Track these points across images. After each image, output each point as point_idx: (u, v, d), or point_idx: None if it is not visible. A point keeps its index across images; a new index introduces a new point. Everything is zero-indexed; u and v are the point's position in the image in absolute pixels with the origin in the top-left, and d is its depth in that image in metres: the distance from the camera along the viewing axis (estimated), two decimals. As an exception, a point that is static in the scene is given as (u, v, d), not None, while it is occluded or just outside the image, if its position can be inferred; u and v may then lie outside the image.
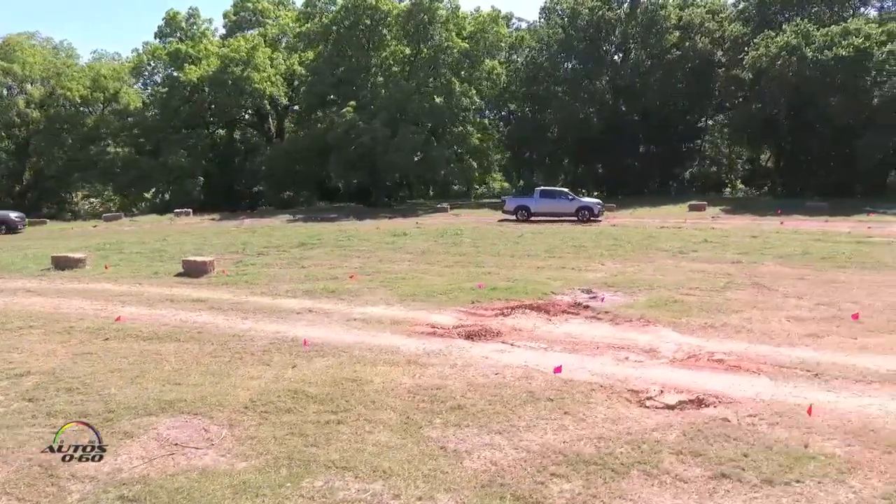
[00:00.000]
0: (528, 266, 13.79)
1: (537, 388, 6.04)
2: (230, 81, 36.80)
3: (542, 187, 28.12)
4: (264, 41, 43.19)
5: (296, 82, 41.34)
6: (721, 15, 38.11)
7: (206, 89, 37.69)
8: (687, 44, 36.55)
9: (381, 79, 36.16)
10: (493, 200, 39.98)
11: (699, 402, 5.61)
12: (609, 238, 18.55)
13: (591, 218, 24.81)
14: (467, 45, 34.89)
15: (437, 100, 34.60)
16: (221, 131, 42.87)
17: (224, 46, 38.89)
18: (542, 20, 42.66)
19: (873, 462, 4.45)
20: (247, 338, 8.20)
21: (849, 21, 29.10)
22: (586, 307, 9.57)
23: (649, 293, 10.47)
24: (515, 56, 42.40)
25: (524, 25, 48.37)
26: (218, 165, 42.36)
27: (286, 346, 7.71)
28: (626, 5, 38.85)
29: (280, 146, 38.48)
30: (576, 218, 24.85)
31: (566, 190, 27.17)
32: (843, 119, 27.33)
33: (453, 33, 34.55)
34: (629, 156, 39.70)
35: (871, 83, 27.40)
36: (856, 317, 8.22)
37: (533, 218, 25.56)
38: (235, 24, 49.23)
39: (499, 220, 26.32)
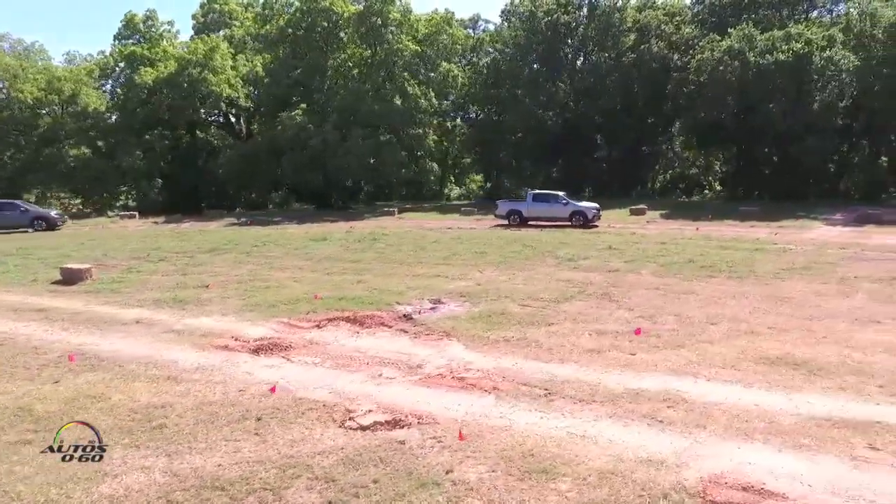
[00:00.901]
0: (406, 274, 13.74)
1: (255, 407, 6.03)
2: (185, 84, 36.80)
3: (535, 191, 26.41)
4: (230, 43, 43.31)
5: (258, 84, 41.31)
6: (678, 17, 38.07)
7: (164, 91, 37.66)
8: (642, 46, 36.53)
9: (338, 81, 36.13)
10: (457, 203, 40.11)
11: (395, 423, 5.58)
12: (518, 244, 18.52)
13: (586, 223, 23.55)
14: (419, 48, 34.81)
15: (395, 102, 34.62)
16: (185, 133, 42.82)
17: (182, 48, 38.83)
18: (504, 23, 42.67)
19: (493, 491, 4.42)
20: (41, 351, 8.17)
21: (791, 26, 28.97)
22: (409, 319, 9.55)
23: (489, 304, 10.45)
24: (477, 58, 42.38)
25: (491, 28, 48.49)
26: (180, 167, 42.47)
27: (66, 361, 7.68)
28: (584, 8, 38.84)
29: (238, 148, 38.42)
30: (570, 223, 23.64)
31: (561, 194, 25.40)
32: (783, 124, 27.24)
33: (404, 36, 34.46)
34: (590, 158, 39.71)
35: (812, 88, 27.30)
36: (638, 332, 8.20)
37: (529, 223, 24.47)
38: (203, 26, 49.36)
39: (491, 226, 24.88)
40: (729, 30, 29.97)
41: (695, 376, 6.69)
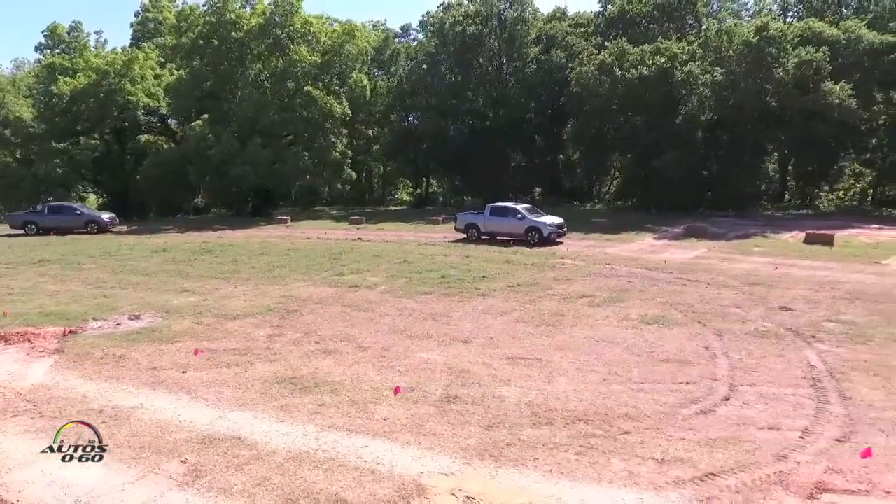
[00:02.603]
0: (168, 289, 14.72)
1: None
2: (101, 94, 37.89)
3: (494, 203, 24.29)
4: (162, 52, 44.40)
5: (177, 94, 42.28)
6: (582, 28, 38.89)
7: (83, 101, 38.72)
8: (542, 57, 37.39)
9: (248, 92, 37.12)
10: (393, 210, 41.00)
11: None
12: (326, 258, 19.43)
13: (543, 241, 21.38)
14: (318, 59, 35.79)
15: (300, 111, 35.61)
16: (113, 141, 43.91)
17: (101, 58, 39.95)
18: (422, 34, 43.65)
19: None
20: None
21: (659, 40, 29.76)
22: (72, 334, 10.54)
23: (176, 320, 11.46)
24: (395, 69, 43.34)
25: (422, 37, 49.42)
26: (109, 175, 43.68)
27: None
28: (494, 20, 39.70)
29: (155, 156, 39.45)
30: (525, 240, 21.59)
31: (518, 207, 23.18)
32: (647, 137, 28.07)
33: (303, 48, 35.43)
34: (498, 167, 40.57)
35: (675, 102, 28.10)
36: (196, 352, 9.21)
37: (485, 238, 22.82)
38: (140, 34, 50.61)
39: (451, 241, 23.06)
40: (606, 43, 30.80)
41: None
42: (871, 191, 33.12)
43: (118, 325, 11.44)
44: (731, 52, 27.21)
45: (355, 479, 5.48)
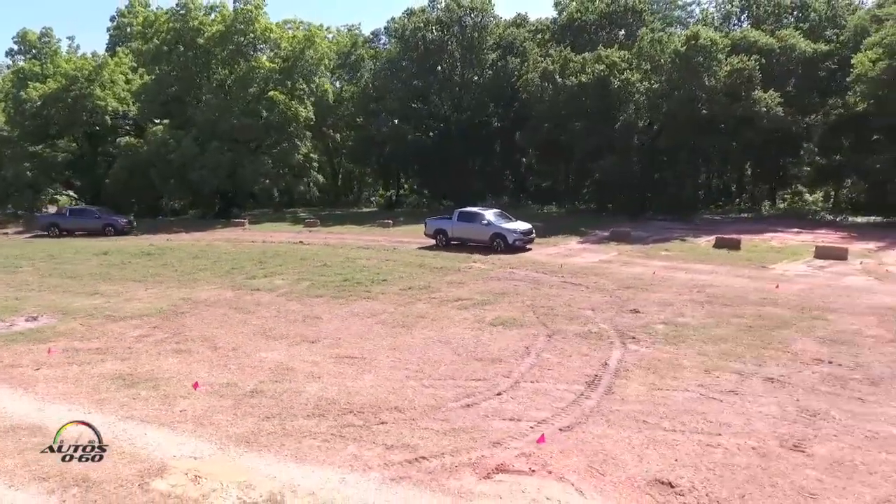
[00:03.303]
0: (82, 291, 15.55)
1: None
2: (70, 99, 38.76)
3: (462, 208, 23.60)
4: (133, 57, 45.21)
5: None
6: (540, 35, 39.67)
7: (52, 106, 39.59)
8: (499, 63, 38.19)
9: (211, 98, 37.95)
10: (365, 211, 41.88)
11: None
12: (252, 261, 20.27)
13: (508, 248, 20.67)
14: (276, 65, 36.63)
15: (262, 116, 36.45)
16: (85, 144, 44.78)
17: (71, 63, 40.80)
18: (386, 40, 44.45)
19: None
20: None
21: (599, 49, 30.55)
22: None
23: (67, 322, 12.27)
24: (360, 74, 44.16)
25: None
26: (81, 178, 44.60)
27: None
28: (454, 27, 40.46)
29: (124, 159, 40.26)
30: (491, 247, 20.99)
31: (485, 213, 22.47)
32: (587, 143, 28.88)
33: (262, 55, 36.26)
34: (460, 170, 41.35)
35: (614, 109, 28.89)
36: (50, 352, 10.05)
37: (454, 243, 22.13)
38: (115, 39, 51.51)
39: (418, 248, 22.57)
40: (549, 51, 31.62)
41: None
42: (834, 194, 33.75)
43: (11, 325, 12.27)
44: (661, 60, 28.02)
45: (112, 461, 6.31)
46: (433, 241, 23.00)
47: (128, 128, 45.82)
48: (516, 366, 9.28)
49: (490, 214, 22.47)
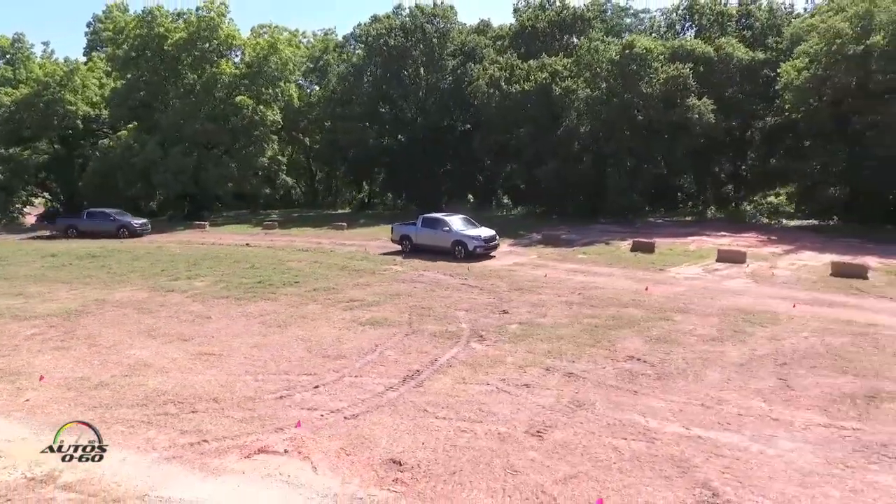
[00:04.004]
0: None
1: None
2: (42, 104, 39.75)
3: (427, 214, 23.22)
4: (108, 62, 46.21)
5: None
6: (500, 42, 40.50)
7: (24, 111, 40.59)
8: (458, 71, 39.05)
9: (176, 102, 38.92)
10: (335, 213, 42.82)
11: None
12: (148, 260, 21.15)
13: (469, 256, 20.43)
14: (240, 71, 37.57)
15: (228, 120, 37.41)
16: (60, 147, 45.79)
17: (44, 69, 41.80)
18: (352, 45, 45.34)
19: None
20: None
21: (542, 57, 31.41)
22: None
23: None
24: (327, 79, 45.05)
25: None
26: (56, 180, 45.68)
27: None
28: (417, 33, 41.32)
29: (97, 162, 41.22)
30: (453, 255, 20.69)
31: (448, 219, 21.96)
32: (531, 148, 29.73)
33: (225, 61, 37.22)
34: (424, 174, 42.21)
35: (556, 115, 29.75)
36: None
37: (421, 249, 21.72)
38: (92, 44, 52.54)
39: (381, 254, 22.52)
40: (498, 59, 32.49)
41: None
42: (771, 198, 34.66)
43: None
44: (597, 69, 28.88)
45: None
46: (399, 247, 22.73)
47: (106, 130, 46.94)
48: (353, 362, 10.17)
49: (455, 221, 22.03)
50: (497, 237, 22.23)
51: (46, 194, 48.78)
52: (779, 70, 26.43)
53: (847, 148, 25.75)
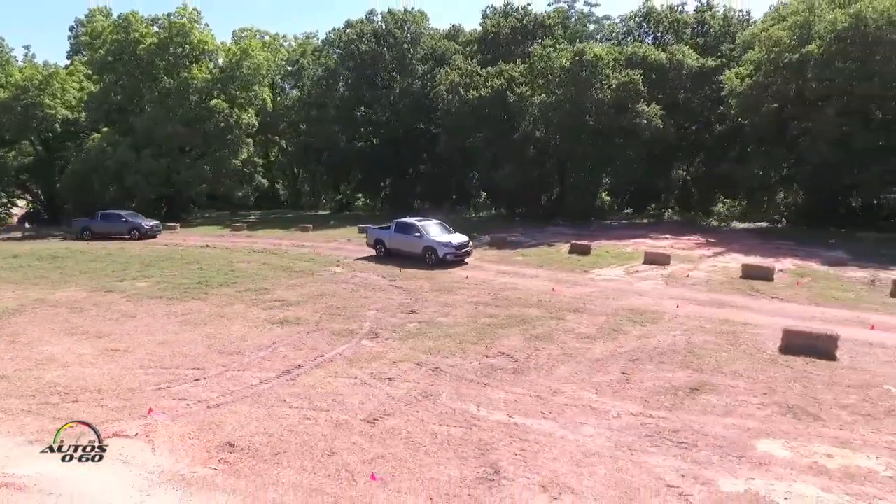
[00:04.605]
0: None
1: None
2: (20, 108, 40.62)
3: (401, 219, 22.80)
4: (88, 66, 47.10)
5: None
6: (469, 48, 41.31)
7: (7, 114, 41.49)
8: (428, 75, 39.87)
9: (150, 105, 39.75)
10: (282, 214, 43.63)
11: None
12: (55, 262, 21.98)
13: (439, 262, 20.02)
14: (212, 76, 38.43)
15: (202, 124, 38.26)
16: (40, 149, 46.68)
17: (23, 73, 42.66)
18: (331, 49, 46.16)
19: None
20: None
21: (500, 63, 32.22)
22: None
23: None
24: (301, 83, 45.94)
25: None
26: (39, 182, 46.64)
27: None
28: (389, 38, 42.16)
29: (75, 164, 42.09)
30: (425, 261, 20.37)
31: (420, 223, 21.54)
32: (488, 152, 30.55)
33: (196, 66, 38.08)
34: (396, 176, 43.12)
35: (511, 120, 30.55)
36: None
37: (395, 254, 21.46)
38: (75, 48, 53.44)
39: (356, 259, 22.07)
40: (459, 65, 33.31)
41: None
42: (723, 202, 35.32)
43: None
44: (549, 75, 29.69)
45: None
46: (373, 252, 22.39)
47: (85, 133, 47.83)
48: (244, 358, 10.98)
49: (429, 226, 21.53)
50: (470, 243, 21.60)
51: (28, 196, 49.78)
52: (723, 77, 27.19)
53: (788, 154, 26.51)
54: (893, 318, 13.16)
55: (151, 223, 31.90)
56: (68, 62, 51.78)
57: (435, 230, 21.55)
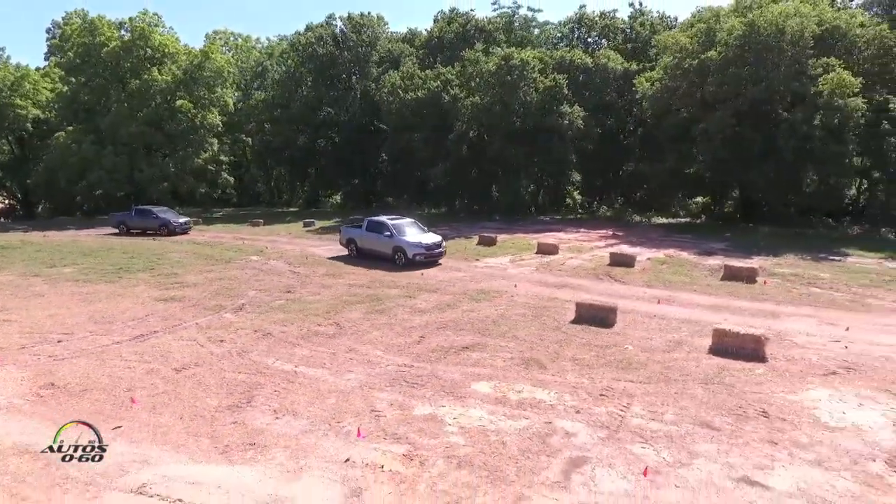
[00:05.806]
0: None
1: None
2: (-9, 107, 42.53)
3: (373, 217, 22.05)
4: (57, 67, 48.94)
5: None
6: (422, 50, 43.08)
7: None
8: (383, 77, 41.64)
9: (116, 106, 41.57)
10: (251, 212, 45.52)
11: None
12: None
13: (409, 263, 19.43)
14: (173, 78, 40.27)
15: (170, 124, 40.13)
16: (15, 147, 48.61)
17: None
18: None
19: None
20: None
21: (437, 66, 34.05)
22: None
23: None
24: (265, 84, 47.82)
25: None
26: (13, 180, 48.59)
27: None
28: (348, 41, 43.97)
29: (47, 161, 43.96)
30: (394, 261, 19.83)
31: (392, 223, 20.89)
32: (424, 151, 32.35)
33: (157, 68, 39.95)
34: (356, 174, 44.91)
35: (446, 121, 32.33)
36: None
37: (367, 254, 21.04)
38: (52, 49, 55.28)
39: (329, 258, 21.80)
40: (401, 68, 35.14)
41: None
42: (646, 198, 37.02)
43: None
44: (479, 79, 31.50)
45: None
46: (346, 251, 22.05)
47: (57, 133, 49.71)
48: (115, 326, 12.78)
49: (400, 225, 20.92)
50: (443, 244, 20.74)
51: (4, 193, 51.76)
52: (634, 81, 28.97)
53: (696, 153, 28.28)
54: (699, 297, 14.95)
55: (182, 220, 31.82)
56: (45, 63, 53.54)
57: (406, 230, 20.84)
